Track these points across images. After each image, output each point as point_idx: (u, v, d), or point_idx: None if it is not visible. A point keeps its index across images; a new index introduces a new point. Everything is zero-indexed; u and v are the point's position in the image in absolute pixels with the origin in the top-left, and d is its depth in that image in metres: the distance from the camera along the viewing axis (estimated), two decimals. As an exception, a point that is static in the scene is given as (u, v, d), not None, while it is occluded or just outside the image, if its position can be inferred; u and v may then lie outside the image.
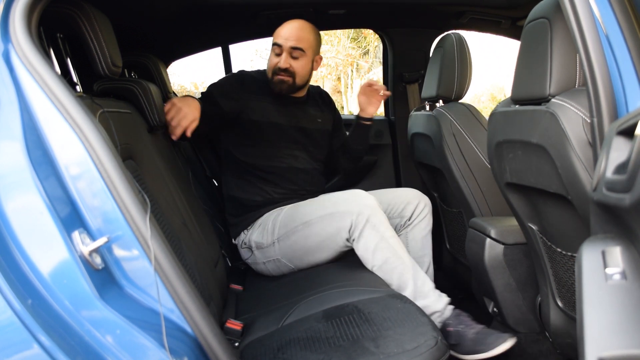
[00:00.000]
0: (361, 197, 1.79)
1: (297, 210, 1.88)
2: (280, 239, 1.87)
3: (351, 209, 1.75)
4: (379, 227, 1.73)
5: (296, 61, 2.00)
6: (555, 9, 1.16)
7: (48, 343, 0.84)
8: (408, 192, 2.10)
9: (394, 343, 1.16)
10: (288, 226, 1.87)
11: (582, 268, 0.75)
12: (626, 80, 0.95)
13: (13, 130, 0.94)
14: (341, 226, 1.76)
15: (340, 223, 1.76)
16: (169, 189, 1.56)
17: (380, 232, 1.72)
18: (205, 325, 0.99)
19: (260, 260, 1.94)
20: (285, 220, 1.88)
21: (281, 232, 1.87)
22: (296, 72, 2.01)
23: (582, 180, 1.08)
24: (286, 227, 1.87)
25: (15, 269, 0.88)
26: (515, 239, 1.66)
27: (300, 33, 2.00)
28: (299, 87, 2.08)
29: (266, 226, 1.93)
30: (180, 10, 2.07)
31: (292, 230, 1.85)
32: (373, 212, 1.74)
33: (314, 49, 2.05)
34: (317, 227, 1.80)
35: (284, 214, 1.91)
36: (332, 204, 1.81)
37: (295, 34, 1.99)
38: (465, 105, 2.07)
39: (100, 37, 1.23)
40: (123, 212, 0.96)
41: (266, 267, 1.94)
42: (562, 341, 1.47)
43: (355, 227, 1.73)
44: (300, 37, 1.99)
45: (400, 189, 2.16)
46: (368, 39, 12.26)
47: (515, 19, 2.43)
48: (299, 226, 1.84)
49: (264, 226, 1.94)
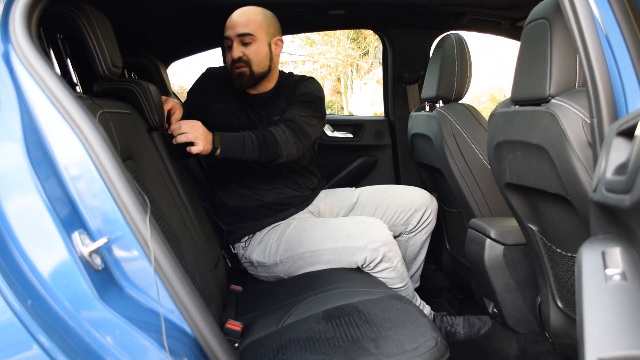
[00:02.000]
0: (375, 230, 1.75)
1: (305, 234, 1.81)
2: (285, 261, 1.83)
3: (365, 245, 1.73)
4: (393, 260, 1.77)
5: (248, 47, 1.84)
6: (555, 10, 1.16)
7: (48, 344, 0.84)
8: (415, 196, 2.05)
9: (394, 344, 1.16)
10: (294, 250, 1.81)
11: (582, 269, 0.75)
12: (626, 81, 0.95)
13: (13, 130, 0.94)
14: (353, 260, 1.76)
15: (352, 258, 1.75)
16: (169, 190, 1.56)
17: (394, 263, 1.77)
18: (205, 325, 0.99)
19: (262, 274, 1.92)
20: (291, 243, 1.82)
21: (286, 255, 1.82)
22: (250, 58, 1.85)
23: (582, 180, 1.08)
24: (292, 250, 1.81)
25: (15, 269, 0.88)
26: (515, 240, 1.66)
27: (243, 18, 1.84)
28: (260, 77, 1.90)
29: (268, 245, 1.86)
30: (180, 11, 2.07)
31: (298, 255, 1.80)
32: (389, 248, 1.74)
33: (267, 30, 1.87)
34: (326, 257, 1.77)
35: (288, 235, 1.84)
36: (345, 236, 1.76)
37: (239, 20, 1.84)
38: (465, 105, 2.07)
39: (100, 38, 1.23)
40: (123, 213, 0.96)
41: (267, 279, 1.92)
42: (562, 342, 1.47)
43: (370, 262, 1.75)
44: (246, 22, 1.84)
45: (407, 189, 2.11)
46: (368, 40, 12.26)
47: (515, 19, 2.43)
48: (306, 253, 1.79)
49: (266, 245, 1.87)
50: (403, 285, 1.82)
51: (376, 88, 11.58)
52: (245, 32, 1.83)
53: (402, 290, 1.82)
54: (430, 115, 2.12)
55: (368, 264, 1.74)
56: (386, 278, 1.77)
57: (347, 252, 1.74)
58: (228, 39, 1.86)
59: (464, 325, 1.98)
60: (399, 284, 1.80)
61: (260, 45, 1.86)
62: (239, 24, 1.84)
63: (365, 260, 1.74)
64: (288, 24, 2.59)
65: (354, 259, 1.75)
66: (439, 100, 2.15)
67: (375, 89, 11.66)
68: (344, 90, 13.64)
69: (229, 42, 1.86)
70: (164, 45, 2.48)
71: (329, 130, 2.86)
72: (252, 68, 1.86)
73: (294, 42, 13.35)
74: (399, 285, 1.81)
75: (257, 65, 1.87)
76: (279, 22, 1.95)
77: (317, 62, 13.13)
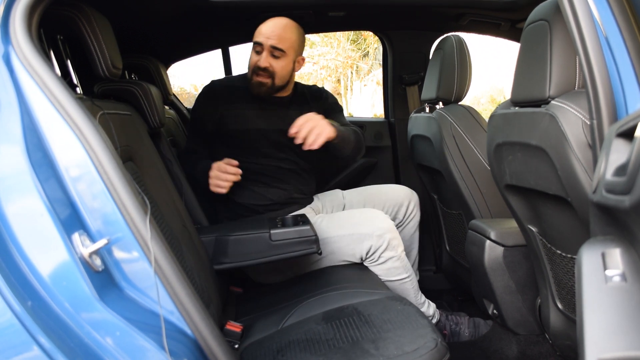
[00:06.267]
0: (380, 219, 1.80)
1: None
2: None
3: (372, 231, 1.76)
4: (397, 249, 1.80)
5: (277, 61, 1.91)
6: (554, 11, 1.16)
7: (48, 345, 0.84)
8: (398, 192, 2.13)
9: (394, 345, 1.16)
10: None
11: (582, 270, 0.75)
12: (625, 82, 0.95)
13: (13, 132, 0.94)
14: (359, 249, 1.78)
15: (359, 245, 1.78)
16: (169, 191, 1.56)
17: (398, 252, 1.81)
18: (205, 327, 0.99)
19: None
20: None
21: None
22: (276, 72, 1.92)
23: (581, 182, 1.08)
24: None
25: (15, 270, 0.88)
26: (515, 241, 1.67)
27: (282, 32, 1.90)
28: (279, 89, 1.99)
29: None
30: (180, 12, 2.07)
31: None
32: (393, 236, 1.78)
33: (296, 49, 1.96)
34: (333, 246, 1.80)
35: None
36: (352, 224, 1.79)
37: (277, 33, 1.90)
38: (465, 107, 2.07)
39: (100, 39, 1.23)
40: (123, 214, 0.96)
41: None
42: (562, 343, 1.47)
43: (376, 251, 1.78)
44: (282, 37, 1.90)
45: (387, 187, 2.19)
46: (368, 41, 12.27)
47: (515, 21, 2.43)
48: None
49: None
50: (407, 276, 1.85)
51: (376, 89, 11.59)
52: (278, 47, 1.89)
53: (407, 282, 1.85)
54: (430, 116, 2.12)
55: (373, 252, 1.77)
56: (391, 268, 1.80)
57: (354, 239, 1.77)
58: (259, 45, 1.91)
59: (469, 325, 2.00)
60: (403, 274, 1.83)
61: (288, 61, 1.93)
62: (275, 36, 1.89)
63: (370, 249, 1.77)
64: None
65: (359, 248, 1.77)
66: (439, 102, 2.15)
67: (375, 91, 11.67)
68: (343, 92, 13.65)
69: (259, 48, 1.91)
70: (165, 46, 2.48)
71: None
72: (274, 80, 1.93)
73: (294, 43, 13.36)
74: (403, 275, 1.83)
75: (279, 79, 1.94)
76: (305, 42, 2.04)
77: (317, 63, 13.14)
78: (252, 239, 1.61)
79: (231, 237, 1.61)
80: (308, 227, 1.61)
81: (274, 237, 1.60)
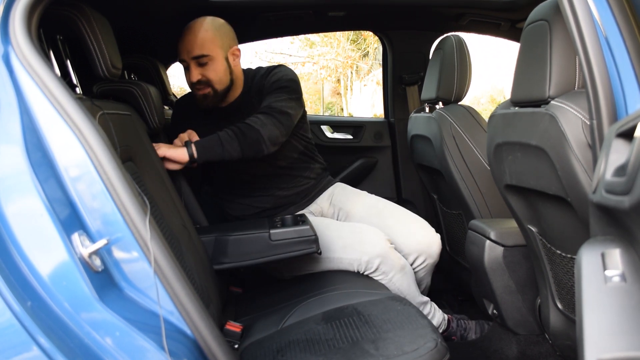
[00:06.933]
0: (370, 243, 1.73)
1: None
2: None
3: (359, 257, 1.72)
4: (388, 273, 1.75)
5: (206, 68, 1.80)
6: (554, 11, 1.16)
7: (47, 345, 0.84)
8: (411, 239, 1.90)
9: (394, 345, 1.16)
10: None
11: (582, 270, 0.75)
12: (625, 83, 0.95)
13: (13, 132, 0.94)
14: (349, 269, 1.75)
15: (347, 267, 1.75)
16: (169, 191, 1.56)
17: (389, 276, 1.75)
18: (204, 327, 0.99)
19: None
20: None
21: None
22: (211, 78, 1.81)
23: (581, 182, 1.08)
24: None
25: (14, 271, 0.88)
26: (514, 241, 1.66)
27: (197, 39, 1.78)
28: (224, 92, 1.87)
29: None
30: (180, 12, 2.07)
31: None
32: (382, 261, 1.73)
33: (222, 45, 1.81)
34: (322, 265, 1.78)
35: None
36: (341, 247, 1.74)
37: (193, 42, 1.78)
38: (465, 107, 2.07)
39: (100, 39, 1.23)
40: (123, 214, 0.96)
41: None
42: (562, 343, 1.47)
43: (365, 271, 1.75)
44: (200, 43, 1.77)
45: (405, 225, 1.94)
46: (368, 41, 12.27)
47: (515, 21, 2.43)
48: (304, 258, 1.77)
49: None
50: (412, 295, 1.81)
51: (376, 89, 11.60)
52: (199, 55, 1.78)
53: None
54: (430, 116, 2.12)
55: (363, 272, 1.76)
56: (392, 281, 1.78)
57: (342, 262, 1.75)
58: (184, 62, 1.82)
59: (476, 330, 1.98)
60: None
61: (218, 63, 1.82)
62: (192, 46, 1.78)
63: (360, 270, 1.75)
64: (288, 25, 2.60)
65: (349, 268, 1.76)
66: (439, 102, 2.15)
67: (375, 91, 11.68)
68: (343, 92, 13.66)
69: (186, 64, 1.82)
70: (164, 46, 2.48)
71: (328, 132, 2.87)
72: (214, 87, 1.84)
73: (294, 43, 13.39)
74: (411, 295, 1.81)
75: (218, 84, 1.84)
76: (232, 30, 1.89)
77: (317, 63, 13.15)
78: (252, 239, 1.61)
79: (231, 237, 1.61)
80: (307, 227, 1.61)
81: (274, 237, 1.60)
